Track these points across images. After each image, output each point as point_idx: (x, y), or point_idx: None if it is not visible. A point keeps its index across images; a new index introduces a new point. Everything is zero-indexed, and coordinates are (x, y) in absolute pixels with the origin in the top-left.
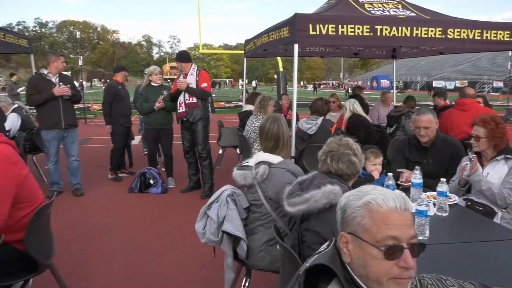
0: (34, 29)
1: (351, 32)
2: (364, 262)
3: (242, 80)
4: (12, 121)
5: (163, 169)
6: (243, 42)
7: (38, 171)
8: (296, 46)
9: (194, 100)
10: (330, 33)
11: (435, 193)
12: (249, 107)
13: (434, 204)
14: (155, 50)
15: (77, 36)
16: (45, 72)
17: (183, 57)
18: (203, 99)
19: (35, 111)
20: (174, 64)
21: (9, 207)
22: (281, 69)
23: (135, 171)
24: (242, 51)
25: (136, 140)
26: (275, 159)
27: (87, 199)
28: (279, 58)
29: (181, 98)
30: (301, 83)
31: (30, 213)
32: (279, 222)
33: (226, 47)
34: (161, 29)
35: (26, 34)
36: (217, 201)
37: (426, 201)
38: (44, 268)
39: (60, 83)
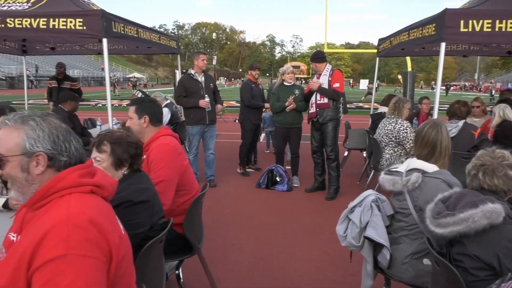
0: (173, 31)
1: (511, 28)
2: None
3: (371, 81)
4: (163, 115)
5: (288, 167)
6: (366, 40)
7: None
8: (443, 45)
9: (325, 100)
10: (485, 29)
11: None
12: (384, 109)
13: None
14: (277, 49)
15: (213, 37)
16: (192, 72)
17: (317, 57)
18: (334, 99)
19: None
20: (295, 63)
21: (174, 193)
22: (409, 69)
23: (260, 167)
24: (366, 50)
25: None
26: (430, 167)
27: (219, 191)
28: (408, 58)
29: (312, 99)
30: (430, 84)
31: (188, 200)
32: (427, 235)
33: (348, 45)
34: (284, 28)
35: None
36: (360, 205)
37: None
38: (196, 251)
39: (206, 95)
